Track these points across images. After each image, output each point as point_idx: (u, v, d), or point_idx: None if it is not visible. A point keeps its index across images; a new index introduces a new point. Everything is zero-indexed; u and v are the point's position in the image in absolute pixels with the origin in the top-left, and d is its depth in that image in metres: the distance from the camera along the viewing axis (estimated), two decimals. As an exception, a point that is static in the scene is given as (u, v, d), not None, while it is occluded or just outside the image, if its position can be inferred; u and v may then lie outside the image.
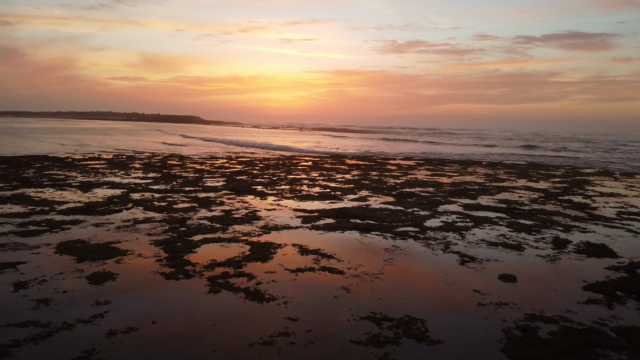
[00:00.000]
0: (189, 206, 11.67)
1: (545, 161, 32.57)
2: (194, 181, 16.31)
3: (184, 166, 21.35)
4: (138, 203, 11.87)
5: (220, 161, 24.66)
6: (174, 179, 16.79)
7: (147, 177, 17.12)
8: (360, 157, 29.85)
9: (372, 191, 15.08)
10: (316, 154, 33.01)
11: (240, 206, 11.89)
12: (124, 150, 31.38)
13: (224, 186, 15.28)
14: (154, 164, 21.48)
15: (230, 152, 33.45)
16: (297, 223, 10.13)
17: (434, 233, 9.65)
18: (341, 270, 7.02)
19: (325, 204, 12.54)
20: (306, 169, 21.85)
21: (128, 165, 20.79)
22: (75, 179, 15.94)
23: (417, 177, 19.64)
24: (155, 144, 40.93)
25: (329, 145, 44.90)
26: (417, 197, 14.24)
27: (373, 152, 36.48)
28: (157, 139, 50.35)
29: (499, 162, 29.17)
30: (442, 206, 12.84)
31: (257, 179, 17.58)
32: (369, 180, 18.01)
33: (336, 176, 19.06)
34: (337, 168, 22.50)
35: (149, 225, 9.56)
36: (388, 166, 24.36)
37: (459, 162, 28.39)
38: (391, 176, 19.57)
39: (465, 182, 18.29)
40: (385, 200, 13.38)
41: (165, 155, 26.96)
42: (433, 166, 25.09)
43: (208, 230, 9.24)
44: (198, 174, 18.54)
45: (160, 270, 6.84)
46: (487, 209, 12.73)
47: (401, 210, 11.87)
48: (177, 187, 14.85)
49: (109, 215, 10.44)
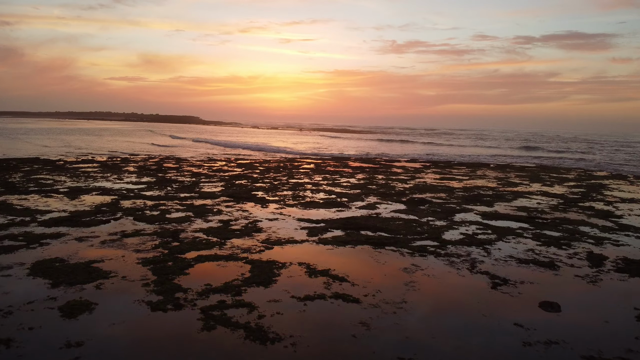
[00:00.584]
0: (184, 216, 10.68)
1: (553, 163, 31.63)
2: (191, 186, 15.33)
3: (180, 169, 20.37)
4: (128, 212, 10.88)
5: (218, 164, 23.68)
6: (169, 183, 15.80)
7: (140, 181, 16.13)
8: (363, 159, 28.88)
9: (381, 197, 14.10)
10: (318, 155, 32.04)
11: (240, 215, 10.91)
12: (112, 152, 30.40)
13: (222, 192, 14.29)
14: (149, 167, 20.50)
15: (226, 154, 32.45)
16: (303, 236, 9.15)
17: (455, 248, 8.68)
18: (357, 297, 6.03)
19: (332, 213, 11.56)
20: (308, 172, 20.87)
21: (122, 169, 19.80)
22: (64, 184, 14.95)
23: (425, 181, 18.67)
24: (142, 144, 39.48)
25: (330, 147, 43.94)
26: (429, 204, 13.26)
27: (376, 154, 35.52)
28: (146, 140, 48.57)
29: (508, 165, 28.21)
30: (458, 215, 11.87)
31: (257, 183, 16.60)
32: (376, 184, 17.04)
33: (341, 180, 18.08)
34: (341, 171, 21.53)
35: (138, 240, 8.57)
36: (393, 169, 23.38)
37: (466, 164, 27.43)
38: (398, 180, 18.60)
39: (478, 187, 17.32)
40: (396, 208, 12.40)
41: (161, 158, 25.97)
42: (440, 169, 24.12)
43: (203, 245, 8.26)
44: (195, 178, 17.56)
45: (147, 297, 5.86)
46: (507, 218, 11.76)
47: (415, 220, 10.89)
48: (171, 193, 13.86)
49: (94, 227, 9.45)
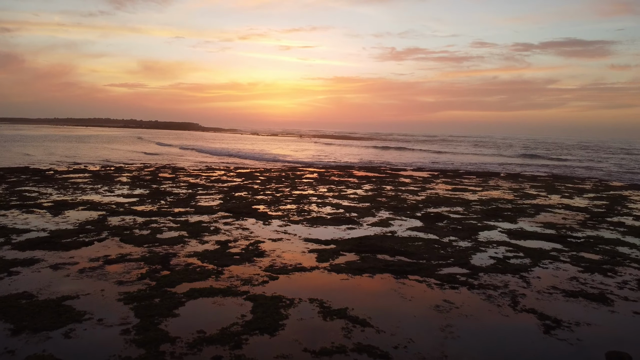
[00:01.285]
0: (177, 235, 9.52)
1: (564, 172, 30.54)
2: (186, 199, 14.17)
3: (176, 180, 19.21)
4: (115, 231, 9.72)
5: (217, 173, 22.53)
6: (163, 196, 14.64)
7: (132, 194, 14.97)
8: (368, 168, 27.75)
9: (393, 212, 12.95)
10: (320, 164, 30.92)
11: (239, 235, 9.74)
12: (106, 161, 29.28)
13: (221, 206, 13.14)
14: (144, 178, 19.34)
15: (216, 162, 31.33)
16: (312, 261, 7.99)
17: (488, 277, 7.52)
18: (385, 351, 4.86)
19: (342, 231, 10.40)
20: (312, 182, 19.72)
21: (114, 179, 18.64)
22: (49, 198, 13.79)
23: (437, 192, 17.52)
24: (127, 152, 37.72)
25: (331, 154, 42.82)
26: (447, 220, 12.11)
27: (380, 162, 34.40)
28: (132, 147, 46.47)
29: (518, 174, 27.09)
30: (481, 233, 10.72)
31: (258, 195, 15.44)
32: (385, 196, 15.89)
33: (347, 192, 16.93)
34: (346, 181, 20.39)
35: (122, 267, 7.41)
36: (401, 178, 22.24)
37: (475, 173, 26.30)
38: (408, 191, 17.45)
39: (494, 200, 16.17)
40: (412, 225, 11.24)
41: (157, 167, 24.81)
42: (450, 179, 22.98)
43: (197, 274, 7.10)
44: (191, 189, 16.40)
45: (125, 352, 4.70)
46: (536, 236, 10.61)
47: (436, 241, 9.73)
48: (165, 207, 12.70)
49: (74, 251, 8.29)
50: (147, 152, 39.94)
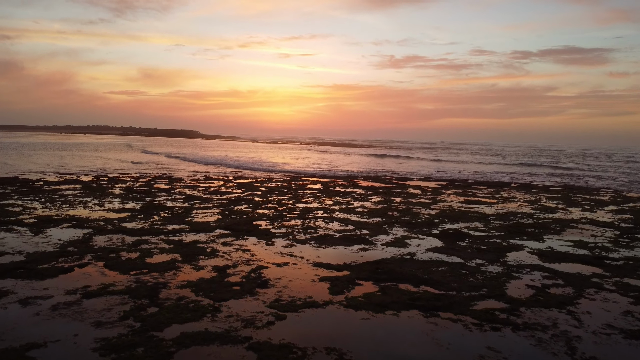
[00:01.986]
0: (169, 260, 8.42)
1: (575, 182, 29.50)
2: (182, 214, 13.07)
3: (172, 191, 18.11)
4: (100, 255, 8.63)
5: (215, 184, 21.44)
6: (157, 211, 13.54)
7: (124, 208, 13.87)
8: (373, 178, 26.68)
9: (408, 229, 11.85)
10: (322, 173, 29.86)
11: (239, 258, 8.64)
12: (101, 169, 28.20)
13: (219, 222, 12.04)
14: (137, 189, 18.24)
15: (206, 172, 30.26)
16: (324, 293, 6.89)
17: (532, 312, 6.43)
18: None
19: (354, 252, 9.31)
20: (316, 193, 18.64)
21: (106, 191, 17.54)
22: (32, 213, 12.69)
23: (451, 205, 16.43)
24: (110, 161, 35.71)
25: (333, 163, 41.77)
26: (469, 238, 11.02)
27: (384, 171, 33.35)
28: (119, 155, 44.26)
29: (530, 184, 26.03)
30: (509, 254, 9.63)
31: (259, 209, 14.35)
32: (396, 210, 14.80)
33: (354, 204, 15.85)
34: (352, 192, 19.30)
35: (103, 302, 6.32)
36: (409, 189, 21.17)
37: (485, 183, 25.23)
38: (419, 204, 16.36)
39: (513, 213, 15.09)
40: (431, 245, 10.15)
41: (153, 177, 23.71)
42: (460, 189, 21.91)
43: (190, 312, 6.00)
44: (188, 202, 15.30)
45: None
46: (569, 258, 9.53)
47: (462, 265, 8.64)
48: (158, 224, 11.60)
49: (51, 280, 7.20)
50: (134, 160, 37.58)
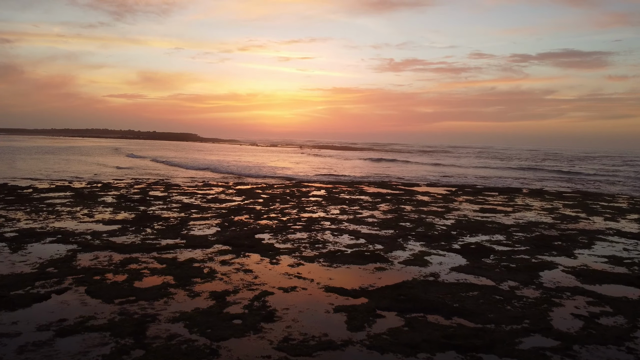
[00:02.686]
0: (160, 283, 7.39)
1: (587, 187, 28.53)
2: (177, 226, 12.03)
3: (168, 199, 17.07)
4: (82, 277, 7.58)
5: (214, 191, 20.39)
6: (151, 222, 12.50)
7: (115, 219, 12.83)
8: (378, 184, 25.64)
9: (425, 243, 10.82)
10: (325, 179, 28.83)
11: (241, 282, 7.60)
12: (95, 175, 27.16)
13: (217, 235, 11.01)
14: (131, 197, 17.19)
15: (195, 177, 29.24)
16: (341, 328, 5.84)
17: (588, 352, 5.40)
18: None
19: (370, 273, 8.27)
20: (321, 201, 17.61)
21: (98, 199, 16.48)
22: (15, 225, 11.64)
23: (465, 214, 15.40)
24: (93, 166, 33.82)
25: (335, 167, 40.75)
26: (493, 254, 9.99)
27: (389, 176, 32.33)
28: (103, 159, 42.13)
29: (542, 190, 25.00)
30: (542, 274, 8.61)
31: (261, 219, 13.32)
32: (409, 220, 13.76)
33: (363, 213, 14.81)
34: (359, 200, 18.27)
35: (79, 343, 5.28)
36: (418, 196, 20.14)
37: (496, 189, 24.20)
38: (432, 213, 15.33)
39: (533, 224, 14.06)
40: (453, 263, 9.12)
41: (149, 183, 22.65)
42: (471, 196, 20.88)
43: (182, 355, 4.96)
44: (184, 212, 14.26)
45: None
46: (609, 278, 8.51)
47: (494, 288, 7.61)
48: (150, 238, 10.55)
49: (22, 311, 6.18)
50: (119, 165, 35.22)
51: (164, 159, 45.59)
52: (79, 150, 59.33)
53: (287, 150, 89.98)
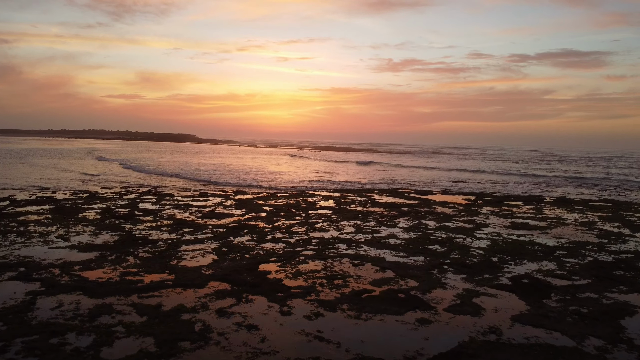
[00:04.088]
0: (136, 352, 5.50)
1: (612, 195, 26.75)
2: (166, 253, 10.13)
3: (159, 214, 15.16)
4: (34, 340, 5.71)
5: (212, 202, 18.47)
6: (135, 246, 10.60)
7: (94, 243, 10.92)
8: (389, 191, 23.76)
9: (466, 276, 8.92)
10: (331, 185, 26.98)
11: (243, 349, 5.70)
12: (82, 184, 25.27)
13: (214, 266, 9.12)
14: (117, 213, 15.26)
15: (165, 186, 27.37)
16: None
17: None
18: None
19: (412, 329, 6.38)
20: (331, 215, 15.74)
21: (79, 214, 14.57)
22: (-29, 252, 9.73)
23: (497, 231, 13.53)
24: (55, 172, 31.02)
25: (339, 172, 38.85)
26: (554, 292, 8.12)
27: (397, 181, 30.48)
28: (69, 164, 38.35)
29: (565, 198, 23.14)
30: (623, 322, 6.75)
31: (265, 241, 11.44)
32: (436, 241, 11.88)
33: (382, 232, 12.94)
34: (373, 213, 16.40)
35: None
36: (436, 207, 18.27)
37: (517, 198, 22.32)
38: (460, 231, 13.46)
39: (579, 244, 12.20)
40: (511, 308, 7.24)
41: (139, 193, 20.73)
42: (493, 206, 19.02)
43: None
44: (176, 232, 12.36)
45: None
46: None
47: (576, 351, 5.73)
48: (132, 272, 8.66)
49: None
50: (86, 172, 31.22)
51: (134, 163, 41.95)
52: (54, 153, 55.13)
53: (288, 151, 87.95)
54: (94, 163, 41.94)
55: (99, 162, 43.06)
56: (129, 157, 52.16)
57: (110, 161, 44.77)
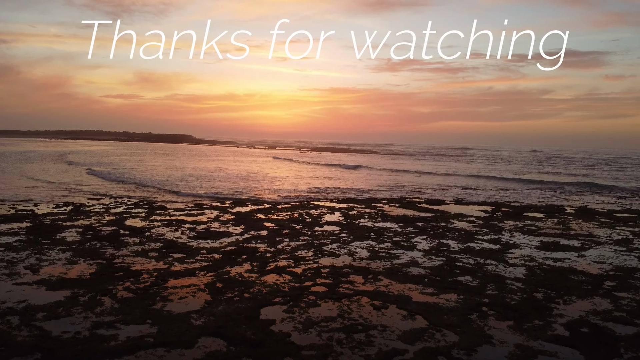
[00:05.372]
0: None
1: (634, 204, 25.29)
2: (150, 291, 8.55)
3: (147, 234, 13.57)
4: None
5: (207, 216, 16.89)
6: (115, 282, 9.01)
7: (66, 276, 9.33)
8: (397, 201, 22.19)
9: (513, 323, 7.37)
10: (334, 194, 25.43)
11: None
12: (69, 193, 23.65)
13: (205, 312, 7.55)
14: (100, 231, 13.67)
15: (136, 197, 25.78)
16: None
17: None
18: None
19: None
20: (339, 233, 14.18)
21: (57, 235, 12.96)
22: None
23: (529, 254, 11.99)
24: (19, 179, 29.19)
25: (342, 179, 37.20)
26: (618, 343, 6.58)
27: (404, 188, 28.94)
28: (30, 170, 33.62)
29: (586, 208, 21.60)
30: None
31: (267, 272, 9.88)
32: (466, 270, 10.32)
33: (400, 257, 11.39)
34: (385, 230, 14.85)
35: None
36: (453, 221, 16.71)
37: (537, 208, 20.78)
38: (487, 254, 11.92)
39: (624, 271, 10.67)
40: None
41: (129, 204, 19.13)
42: (515, 220, 17.47)
43: None
44: (164, 259, 10.77)
45: None
46: None
47: None
48: (106, 322, 7.07)
49: None
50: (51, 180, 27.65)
51: (102, 167, 37.99)
52: (25, 157, 50.37)
53: (288, 153, 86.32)
54: (61, 167, 38.24)
55: (66, 167, 38.97)
56: (111, 160, 48.84)
57: (78, 166, 39.77)
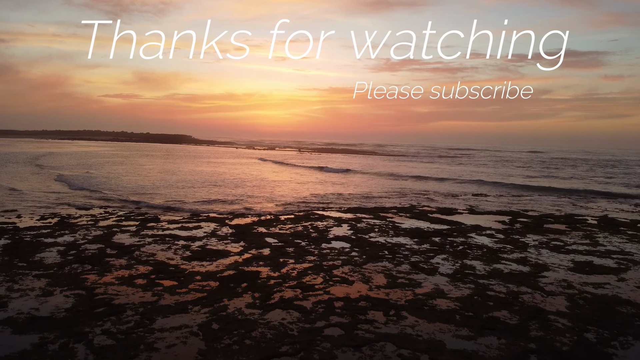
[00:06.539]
0: None
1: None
2: (133, 333, 7.21)
3: (136, 252, 12.23)
4: None
5: (204, 230, 15.55)
6: (93, 320, 7.65)
7: (37, 313, 7.98)
8: (407, 210, 20.84)
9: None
10: (339, 202, 24.08)
11: None
12: (57, 202, 22.30)
13: (201, 363, 6.22)
14: (85, 250, 12.32)
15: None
16: None
17: None
18: None
19: None
20: (349, 252, 12.86)
21: (35, 256, 11.60)
22: None
23: (565, 279, 10.67)
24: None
25: (345, 182, 35.89)
26: None
27: (410, 194, 27.61)
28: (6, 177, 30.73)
29: (607, 218, 20.25)
30: None
31: (271, 306, 8.56)
32: (498, 300, 9.01)
33: (421, 284, 10.06)
34: (400, 247, 13.54)
35: None
36: (472, 236, 15.39)
37: (558, 219, 19.44)
38: (517, 278, 10.60)
39: (682, 302, 9.35)
40: None
41: (120, 215, 17.76)
42: (538, 233, 16.14)
43: None
44: (152, 287, 9.43)
45: None
46: None
47: None
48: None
49: None
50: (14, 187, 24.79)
51: (76, 173, 34.09)
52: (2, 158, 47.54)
53: (287, 155, 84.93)
54: (30, 170, 35.54)
55: (35, 172, 35.16)
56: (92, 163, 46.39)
57: (48, 170, 36.39)
